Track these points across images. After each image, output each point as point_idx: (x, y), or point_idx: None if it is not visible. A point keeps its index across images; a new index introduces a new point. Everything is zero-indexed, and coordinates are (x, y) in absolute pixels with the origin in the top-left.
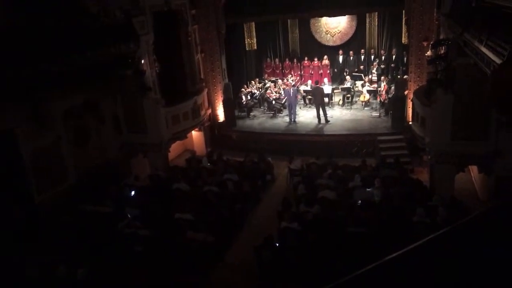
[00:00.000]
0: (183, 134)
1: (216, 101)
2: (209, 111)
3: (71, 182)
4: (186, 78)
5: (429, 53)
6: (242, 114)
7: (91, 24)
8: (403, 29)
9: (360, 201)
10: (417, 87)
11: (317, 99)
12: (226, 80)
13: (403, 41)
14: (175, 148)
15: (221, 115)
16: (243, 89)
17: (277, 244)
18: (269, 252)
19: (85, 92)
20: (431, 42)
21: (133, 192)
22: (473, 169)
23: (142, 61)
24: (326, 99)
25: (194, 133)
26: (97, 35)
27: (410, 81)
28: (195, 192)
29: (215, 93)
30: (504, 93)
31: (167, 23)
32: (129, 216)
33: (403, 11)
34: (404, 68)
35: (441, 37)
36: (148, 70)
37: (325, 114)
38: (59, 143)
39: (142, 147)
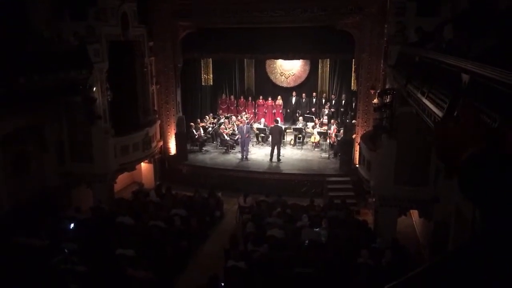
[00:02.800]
0: (131, 166)
1: (169, 133)
2: (161, 143)
3: (4, 210)
4: (139, 108)
5: (375, 100)
6: (195, 148)
7: (42, 48)
8: (352, 77)
9: (307, 241)
10: (364, 131)
11: (275, 138)
12: (180, 114)
13: (352, 88)
14: (122, 180)
15: (172, 148)
16: (192, 124)
17: (222, 284)
18: None
19: (30, 116)
20: (378, 91)
21: (72, 225)
22: (414, 213)
23: (94, 89)
24: None
25: (144, 165)
26: (48, 60)
27: (358, 126)
28: (139, 227)
29: (168, 125)
30: (447, 147)
31: (123, 53)
32: (66, 250)
33: (353, 60)
34: (352, 113)
35: (387, 86)
36: (99, 98)
37: (278, 153)
38: None
39: (86, 177)
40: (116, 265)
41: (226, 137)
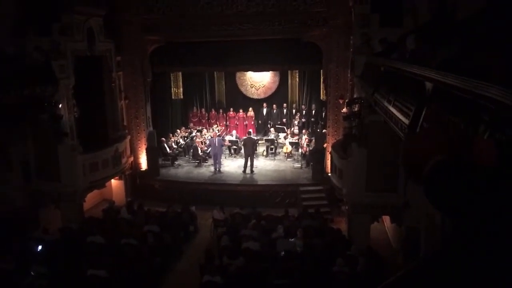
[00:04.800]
0: (101, 183)
1: (139, 149)
2: (131, 159)
3: None
4: (108, 124)
5: (344, 110)
6: (166, 162)
7: (5, 64)
8: (321, 87)
9: (283, 252)
10: (335, 140)
11: (248, 149)
12: (151, 128)
13: (321, 98)
14: (91, 198)
15: (144, 164)
16: (163, 138)
17: None
18: None
19: None
20: (346, 100)
21: (40, 247)
22: (386, 219)
23: (60, 105)
24: None
25: (114, 182)
26: (11, 76)
27: (328, 135)
28: (111, 246)
29: (139, 140)
30: (412, 162)
31: (90, 68)
32: (32, 273)
33: (321, 71)
34: (322, 123)
35: (355, 96)
36: (66, 114)
37: (251, 164)
38: None
39: (54, 196)
40: (87, 287)
41: (200, 151)
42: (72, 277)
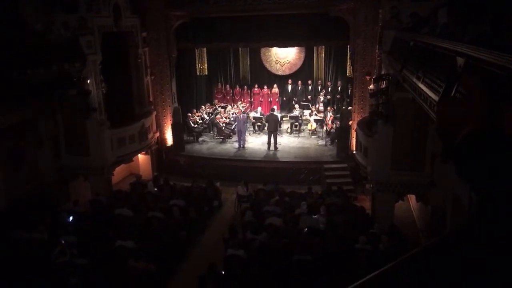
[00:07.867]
0: (128, 158)
1: (165, 124)
2: (157, 134)
3: (1, 206)
4: (134, 100)
5: (371, 86)
6: (191, 138)
7: (34, 41)
8: (347, 63)
9: (306, 229)
10: (360, 118)
11: (271, 126)
12: (176, 104)
13: (347, 74)
14: (119, 172)
15: (169, 139)
16: (189, 114)
17: (223, 272)
18: (213, 282)
19: (23, 111)
20: (373, 77)
21: (71, 218)
22: (412, 198)
23: (88, 81)
24: None
25: (141, 157)
26: (40, 53)
27: (354, 112)
28: (138, 218)
29: (164, 116)
30: (447, 126)
31: (116, 44)
32: (63, 242)
33: (348, 47)
34: (348, 100)
35: (383, 72)
36: (94, 90)
37: (275, 141)
38: None
39: (83, 170)
40: (116, 257)
41: (222, 126)
42: (101, 247)
